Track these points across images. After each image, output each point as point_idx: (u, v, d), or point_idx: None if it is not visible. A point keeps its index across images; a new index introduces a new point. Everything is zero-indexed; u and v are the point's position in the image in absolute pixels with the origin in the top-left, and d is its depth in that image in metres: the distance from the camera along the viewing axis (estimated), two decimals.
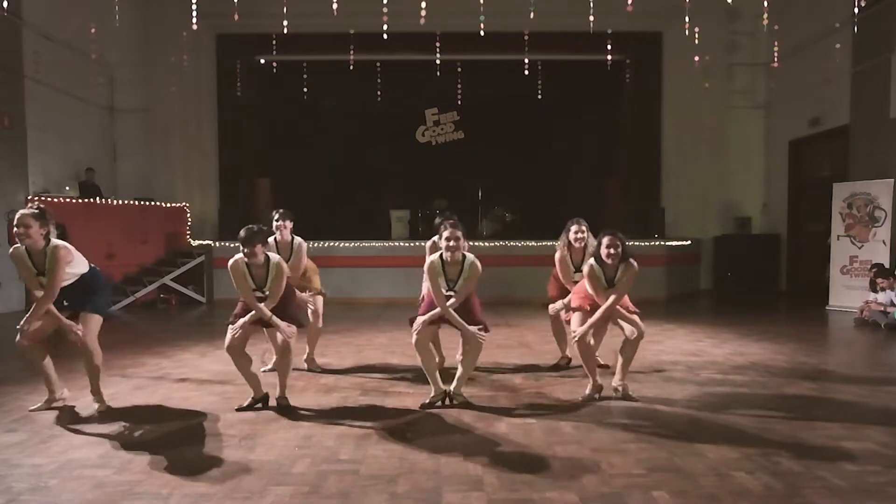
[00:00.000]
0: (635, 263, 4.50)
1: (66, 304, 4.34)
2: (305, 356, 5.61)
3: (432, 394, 4.37)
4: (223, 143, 12.98)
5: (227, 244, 11.23)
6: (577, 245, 5.27)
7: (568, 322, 4.72)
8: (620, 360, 4.60)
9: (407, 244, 10.74)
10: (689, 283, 12.26)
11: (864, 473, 3.13)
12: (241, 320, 4.28)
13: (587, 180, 13.76)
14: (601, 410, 4.28)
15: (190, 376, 5.37)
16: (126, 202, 11.40)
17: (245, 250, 4.22)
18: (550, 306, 5.50)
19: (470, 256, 4.38)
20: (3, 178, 9.78)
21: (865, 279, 8.74)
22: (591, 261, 4.53)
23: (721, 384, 5.00)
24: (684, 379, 5.18)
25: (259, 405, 4.36)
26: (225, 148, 12.99)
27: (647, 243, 10.96)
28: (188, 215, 12.20)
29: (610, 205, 13.50)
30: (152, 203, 11.86)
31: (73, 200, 10.79)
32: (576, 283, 5.34)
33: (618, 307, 4.50)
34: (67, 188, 11.07)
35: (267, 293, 4.33)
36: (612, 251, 4.40)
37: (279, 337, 4.30)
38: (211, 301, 11.18)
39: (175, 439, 3.71)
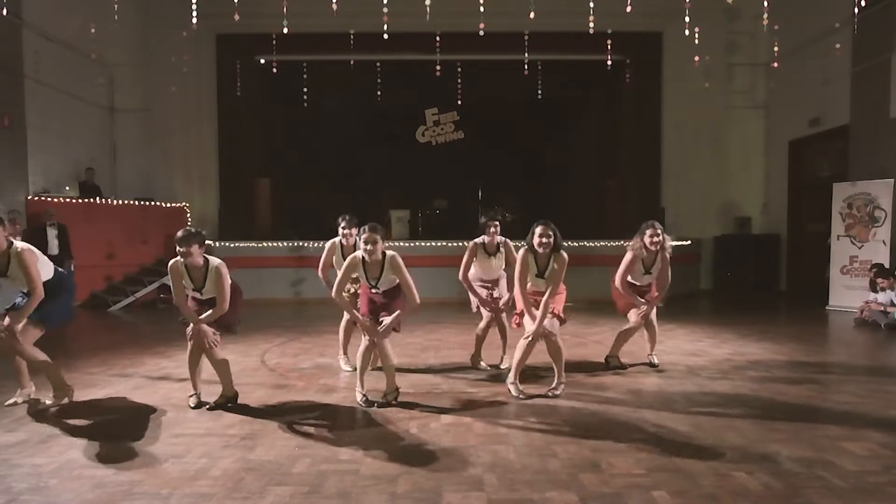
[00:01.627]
0: (565, 254, 4.62)
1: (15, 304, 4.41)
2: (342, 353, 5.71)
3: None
4: (223, 143, 12.97)
5: (227, 244, 11.22)
6: (652, 248, 5.28)
7: (519, 325, 4.76)
8: (554, 363, 4.71)
9: (407, 244, 10.73)
10: (689, 283, 12.26)
11: (864, 473, 3.13)
12: (188, 329, 4.34)
13: (587, 180, 13.76)
14: (601, 411, 4.28)
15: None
16: (126, 202, 11.40)
17: (181, 250, 4.25)
18: (632, 314, 5.51)
19: (390, 253, 4.44)
20: (3, 178, 9.78)
21: (865, 279, 8.75)
22: (522, 248, 4.63)
23: (721, 384, 5.00)
24: (684, 379, 5.18)
25: (230, 404, 4.40)
26: (225, 148, 12.98)
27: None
28: (188, 215, 12.21)
29: (610, 205, 13.51)
30: (152, 203, 11.86)
31: (73, 200, 10.79)
32: (635, 287, 5.44)
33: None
34: (67, 188, 11.08)
35: (205, 295, 4.40)
36: (543, 240, 4.51)
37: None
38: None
39: (175, 439, 3.70)
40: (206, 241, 4.46)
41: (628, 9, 7.97)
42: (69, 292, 4.69)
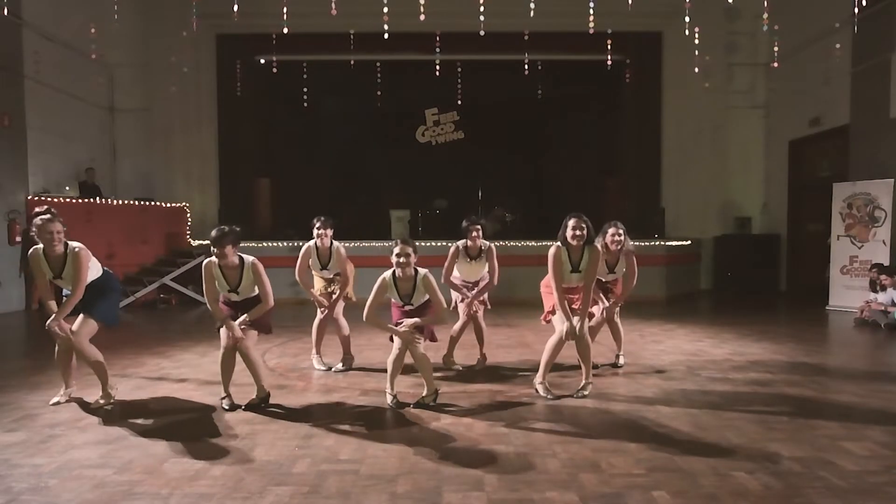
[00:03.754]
0: (599, 246, 4.60)
1: (78, 307, 4.39)
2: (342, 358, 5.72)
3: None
4: (223, 143, 12.98)
5: None
6: (613, 248, 5.29)
7: (549, 322, 4.75)
8: (582, 363, 4.69)
9: None
10: (689, 283, 12.26)
11: (864, 473, 3.13)
12: (221, 331, 4.30)
13: (587, 180, 13.76)
14: (601, 411, 4.28)
15: (190, 376, 5.36)
16: (126, 202, 11.40)
17: (215, 251, 4.19)
18: (594, 310, 5.48)
19: (422, 271, 4.42)
20: (3, 178, 9.79)
21: (865, 279, 8.75)
22: (556, 244, 4.57)
23: (721, 384, 5.00)
24: (684, 379, 5.18)
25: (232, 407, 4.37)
26: (225, 148, 12.99)
27: (647, 243, 10.95)
28: (188, 215, 12.21)
29: (610, 205, 13.50)
30: (152, 203, 11.86)
31: (73, 200, 10.79)
32: (600, 283, 5.40)
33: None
34: (67, 188, 11.08)
35: (241, 294, 4.35)
36: (577, 232, 4.47)
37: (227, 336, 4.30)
38: None
39: (175, 439, 3.70)
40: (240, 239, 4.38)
41: (629, 9, 7.97)
42: (116, 292, 4.67)
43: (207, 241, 4.30)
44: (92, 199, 11.06)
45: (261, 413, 4.25)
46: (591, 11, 8.73)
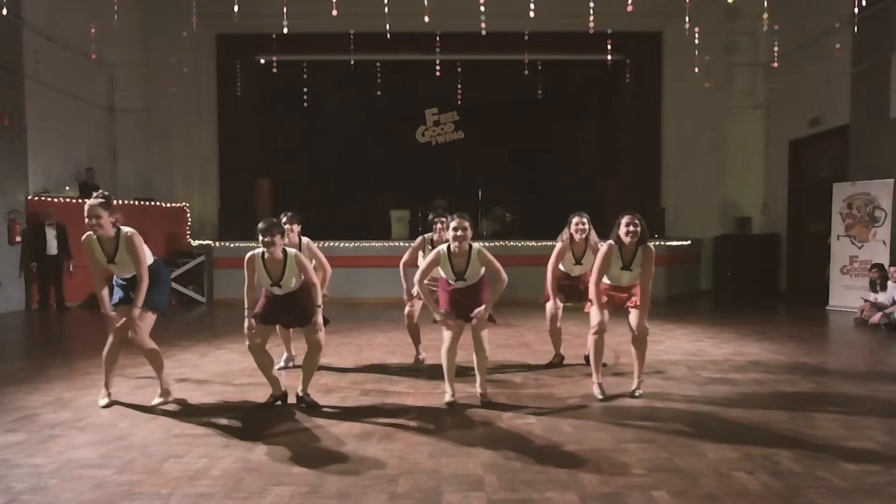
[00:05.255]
0: (652, 246, 4.57)
1: (132, 297, 4.35)
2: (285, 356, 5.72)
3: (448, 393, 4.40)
4: (223, 143, 12.97)
5: (227, 244, 11.22)
6: (578, 237, 5.28)
7: (586, 313, 4.75)
8: (636, 361, 4.65)
9: (407, 244, 10.71)
10: (689, 283, 12.26)
11: (864, 473, 3.13)
12: (251, 322, 4.28)
13: (587, 180, 13.75)
14: (601, 410, 4.28)
15: (190, 376, 5.36)
16: (126, 202, 11.39)
17: (265, 240, 4.15)
18: (547, 305, 5.53)
19: (476, 245, 4.40)
20: (3, 178, 9.79)
21: (865, 279, 8.75)
22: (609, 241, 4.54)
23: (721, 384, 5.00)
24: (684, 379, 5.18)
25: (279, 402, 4.40)
26: (225, 148, 12.98)
27: (647, 243, 10.93)
28: (188, 215, 12.21)
29: (610, 205, 13.48)
30: (152, 203, 11.86)
31: (73, 200, 10.79)
32: (568, 277, 5.40)
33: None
34: (67, 188, 11.07)
35: (283, 288, 4.32)
36: (631, 229, 4.44)
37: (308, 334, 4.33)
38: (211, 301, 11.18)
39: (174, 439, 3.70)
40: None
41: (629, 9, 7.96)
42: (166, 282, 4.63)
43: (258, 234, 4.25)
44: None
45: (261, 413, 4.25)
46: (591, 11, 8.72)
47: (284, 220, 5.47)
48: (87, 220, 4.17)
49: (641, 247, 4.51)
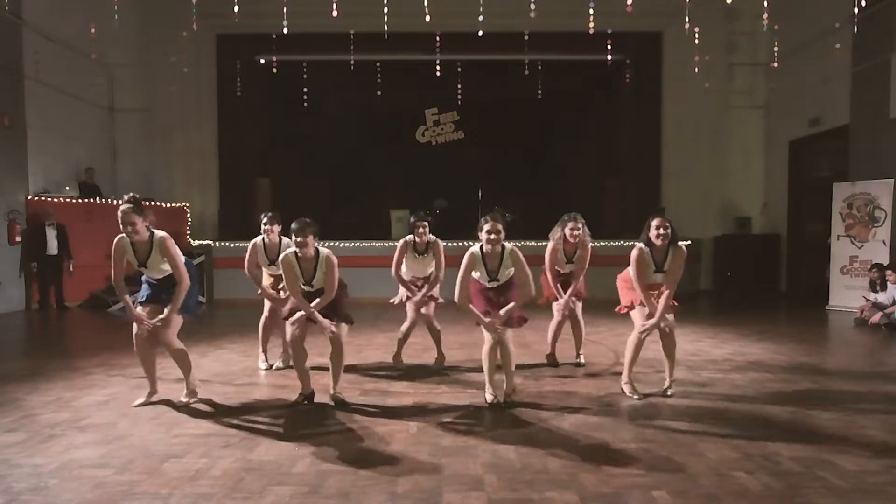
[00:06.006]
0: (684, 246, 4.57)
1: (163, 297, 4.36)
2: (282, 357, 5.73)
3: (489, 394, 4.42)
4: (223, 143, 12.98)
5: (226, 244, 11.23)
6: (572, 240, 5.42)
7: (626, 313, 4.78)
8: (667, 360, 4.67)
9: None
10: (689, 283, 12.25)
11: (864, 473, 3.13)
12: (297, 315, 4.32)
13: (587, 180, 13.76)
14: (601, 410, 4.28)
15: None
16: None
17: (297, 240, 4.21)
18: (555, 306, 5.59)
19: (508, 245, 4.40)
20: (3, 178, 9.79)
21: (865, 279, 8.75)
22: (640, 245, 4.55)
23: (721, 384, 5.00)
24: (684, 379, 5.17)
25: (306, 401, 4.41)
26: (225, 148, 12.99)
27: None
28: (188, 215, 12.20)
29: (610, 205, 13.50)
30: (152, 203, 11.84)
31: (73, 200, 10.79)
32: (560, 274, 5.47)
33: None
34: (67, 188, 11.08)
35: (314, 286, 4.37)
36: (661, 231, 4.47)
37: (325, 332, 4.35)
38: (211, 301, 11.18)
39: (174, 439, 3.70)
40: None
41: (629, 9, 7.97)
42: (193, 285, 4.59)
43: (291, 233, 4.31)
44: (92, 199, 11.06)
45: (261, 413, 4.25)
46: (591, 11, 8.73)
47: (265, 220, 5.51)
48: (122, 227, 4.18)
49: (673, 247, 4.53)
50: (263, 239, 5.50)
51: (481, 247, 4.35)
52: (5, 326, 8.60)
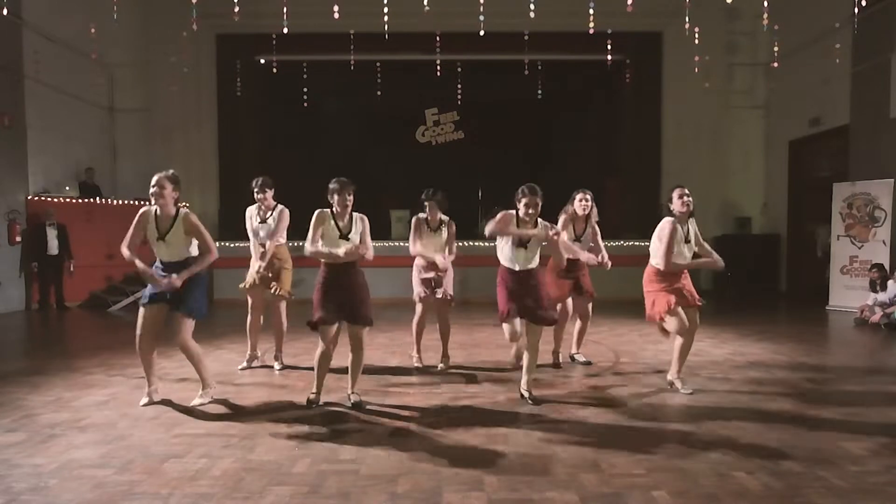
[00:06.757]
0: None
1: (167, 296, 4.33)
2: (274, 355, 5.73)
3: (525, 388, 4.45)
4: (223, 143, 12.97)
5: (227, 244, 11.22)
6: (581, 213, 5.43)
7: (661, 319, 4.76)
8: (676, 351, 4.70)
9: (407, 244, 10.71)
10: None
11: (864, 473, 3.13)
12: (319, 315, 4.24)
13: (587, 180, 13.65)
14: (601, 410, 4.28)
15: (191, 376, 5.33)
16: (126, 202, 11.40)
17: (338, 198, 4.31)
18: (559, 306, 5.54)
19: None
20: (3, 178, 9.79)
21: (865, 279, 8.75)
22: (667, 218, 4.58)
23: (721, 384, 5.00)
24: (684, 379, 5.17)
25: (315, 404, 4.38)
26: (225, 148, 12.98)
27: (647, 243, 10.93)
28: None
29: (610, 205, 13.46)
30: (152, 203, 11.85)
31: (73, 200, 10.79)
32: (567, 272, 5.41)
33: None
34: (67, 188, 11.08)
35: (350, 240, 4.39)
36: (685, 199, 4.54)
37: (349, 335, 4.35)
38: (211, 301, 11.16)
39: (174, 439, 3.70)
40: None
41: (629, 9, 7.96)
42: (203, 287, 4.56)
43: (329, 194, 4.47)
44: (92, 199, 11.06)
45: (260, 413, 4.25)
46: (591, 11, 8.72)
47: (255, 187, 5.52)
48: (151, 188, 4.19)
49: (691, 219, 4.61)
50: (258, 206, 5.55)
51: (518, 211, 4.39)
52: (5, 326, 8.60)
